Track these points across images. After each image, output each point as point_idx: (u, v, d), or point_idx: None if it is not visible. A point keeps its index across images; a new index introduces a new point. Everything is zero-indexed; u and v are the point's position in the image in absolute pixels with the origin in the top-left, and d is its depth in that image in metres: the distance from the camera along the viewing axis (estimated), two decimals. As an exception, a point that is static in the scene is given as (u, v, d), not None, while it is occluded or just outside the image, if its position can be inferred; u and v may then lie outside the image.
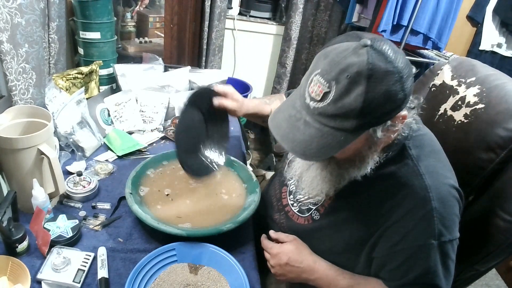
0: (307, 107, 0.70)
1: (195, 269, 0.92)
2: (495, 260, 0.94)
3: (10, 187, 1.02)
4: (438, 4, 2.15)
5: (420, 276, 0.80)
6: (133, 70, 1.65)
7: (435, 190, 0.78)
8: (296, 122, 0.71)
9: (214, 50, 2.71)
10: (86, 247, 0.97)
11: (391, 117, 0.70)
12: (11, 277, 0.85)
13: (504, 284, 2.04)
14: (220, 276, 0.91)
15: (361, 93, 0.64)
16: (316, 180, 0.86)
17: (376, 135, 0.73)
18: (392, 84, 0.65)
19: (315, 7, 2.76)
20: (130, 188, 1.08)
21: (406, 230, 0.79)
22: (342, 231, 0.89)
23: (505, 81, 1.01)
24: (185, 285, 0.88)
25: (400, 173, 0.81)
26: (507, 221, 0.90)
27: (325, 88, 0.66)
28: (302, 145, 0.70)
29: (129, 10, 2.60)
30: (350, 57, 0.65)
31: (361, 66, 0.64)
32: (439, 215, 0.77)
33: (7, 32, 1.19)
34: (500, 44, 2.63)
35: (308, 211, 0.97)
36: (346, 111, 0.65)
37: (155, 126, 1.54)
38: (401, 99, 0.67)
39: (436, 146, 0.87)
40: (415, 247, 0.79)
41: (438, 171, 0.81)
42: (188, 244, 0.94)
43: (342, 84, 0.64)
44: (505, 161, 0.93)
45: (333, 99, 0.66)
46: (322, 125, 0.69)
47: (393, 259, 0.83)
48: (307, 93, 0.70)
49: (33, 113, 1.05)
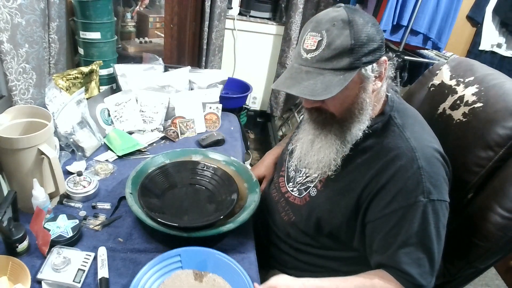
0: (305, 61, 0.82)
1: (200, 276, 0.90)
2: (494, 258, 0.95)
3: (10, 187, 1.03)
4: (438, 4, 2.15)
5: (412, 236, 0.82)
6: (133, 70, 1.66)
7: (420, 151, 0.84)
8: (298, 75, 0.82)
9: (214, 50, 2.71)
10: (86, 247, 0.97)
11: (375, 57, 0.82)
12: (11, 277, 0.85)
13: (504, 284, 2.04)
14: (225, 284, 0.89)
15: (348, 34, 0.78)
16: (323, 150, 0.90)
17: (368, 75, 0.82)
18: (370, 27, 0.80)
19: (315, 7, 2.76)
20: (130, 188, 1.08)
21: (396, 190, 0.83)
22: (337, 202, 0.92)
23: (503, 80, 1.02)
24: None
25: (387, 139, 0.88)
26: (506, 218, 0.90)
27: (318, 37, 0.79)
28: (308, 87, 0.80)
29: (129, 10, 2.59)
30: (331, 13, 0.81)
31: (342, 15, 0.79)
32: (427, 174, 0.82)
33: (7, 32, 1.19)
34: (500, 44, 2.63)
35: (306, 190, 1.00)
36: (340, 51, 0.78)
37: (155, 126, 1.55)
38: (380, 40, 0.82)
39: (418, 117, 0.96)
40: (406, 207, 0.82)
41: (422, 136, 0.89)
42: (193, 250, 0.93)
43: (331, 31, 0.78)
44: (504, 158, 0.94)
45: (326, 44, 0.79)
46: (321, 69, 0.80)
47: (385, 222, 0.85)
48: (302, 50, 0.82)
49: (33, 113, 1.05)
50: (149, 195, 1.09)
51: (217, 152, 1.33)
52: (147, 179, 1.13)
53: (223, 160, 1.29)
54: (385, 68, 0.85)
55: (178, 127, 1.55)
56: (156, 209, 1.04)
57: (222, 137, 1.53)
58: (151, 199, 1.08)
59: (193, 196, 1.16)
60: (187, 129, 1.57)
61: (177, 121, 1.55)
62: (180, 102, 1.60)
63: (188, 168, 1.23)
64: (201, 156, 1.30)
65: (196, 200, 1.15)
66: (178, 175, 1.20)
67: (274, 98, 2.99)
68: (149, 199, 1.07)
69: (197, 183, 1.20)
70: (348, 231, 0.93)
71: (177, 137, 1.54)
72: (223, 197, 1.13)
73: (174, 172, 1.20)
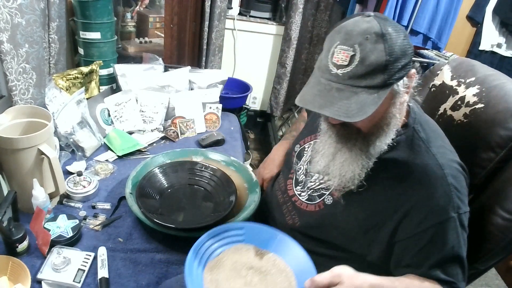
0: (335, 76, 0.76)
1: (260, 254, 0.88)
2: (495, 259, 0.94)
3: (10, 187, 1.02)
4: (438, 4, 2.15)
5: (447, 252, 0.82)
6: (133, 70, 1.65)
7: (448, 168, 0.83)
8: (328, 93, 0.77)
9: (214, 50, 2.70)
10: (86, 247, 0.97)
11: (406, 71, 0.78)
12: (11, 277, 0.85)
13: (504, 284, 2.04)
14: (286, 267, 0.85)
15: (383, 49, 0.73)
16: (347, 164, 0.87)
17: (398, 91, 0.79)
18: (402, 39, 0.75)
19: (315, 7, 2.75)
20: (130, 188, 1.08)
21: (428, 209, 0.82)
22: (356, 214, 0.90)
23: (504, 81, 1.01)
24: (248, 267, 0.84)
25: (414, 155, 0.86)
26: (506, 219, 0.90)
27: (350, 52, 0.74)
28: (342, 108, 0.75)
29: (129, 10, 2.59)
30: (362, 24, 0.74)
31: (375, 28, 0.73)
32: (455, 190, 0.82)
33: (7, 32, 1.19)
34: (500, 44, 2.63)
35: (320, 197, 0.97)
36: (374, 67, 0.73)
37: (155, 126, 1.55)
38: (411, 54, 0.77)
39: (438, 130, 0.94)
40: (438, 224, 0.82)
41: (445, 151, 0.87)
42: (258, 227, 0.91)
43: (364, 45, 0.73)
44: (505, 160, 0.94)
45: (360, 60, 0.73)
46: (354, 87, 0.75)
47: (418, 241, 0.83)
48: (331, 65, 0.76)
49: (33, 113, 1.05)
50: (147, 195, 1.09)
51: (217, 152, 1.33)
52: (144, 179, 1.13)
53: (223, 160, 1.28)
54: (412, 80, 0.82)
55: (178, 127, 1.54)
56: (154, 210, 1.04)
57: (222, 137, 1.53)
58: (149, 199, 1.08)
59: (192, 197, 1.16)
60: (187, 129, 1.57)
61: (177, 121, 1.55)
62: (180, 102, 1.60)
63: (186, 168, 1.22)
64: (201, 156, 1.30)
65: (194, 200, 1.15)
66: (176, 176, 1.20)
67: (274, 98, 2.99)
68: (147, 200, 1.07)
69: (195, 183, 1.20)
70: (363, 243, 0.91)
71: (177, 137, 1.54)
72: (222, 198, 1.13)
73: (173, 173, 1.20)
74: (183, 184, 1.19)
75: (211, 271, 0.82)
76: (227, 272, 0.82)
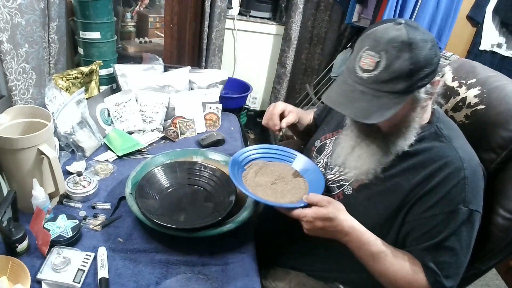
0: (360, 79, 0.81)
1: (297, 176, 1.05)
2: (495, 259, 0.95)
3: (10, 187, 1.02)
4: (438, 4, 2.15)
5: (445, 240, 0.84)
6: (133, 70, 1.65)
7: (467, 162, 0.85)
8: (351, 94, 0.82)
9: (214, 50, 2.70)
10: (86, 247, 0.97)
11: (430, 79, 0.81)
12: (11, 277, 0.85)
13: (504, 284, 2.04)
14: (306, 186, 1.01)
15: (408, 58, 0.76)
16: (364, 158, 0.91)
17: (420, 97, 0.82)
18: (429, 49, 0.78)
19: (315, 7, 2.76)
20: (130, 188, 1.08)
21: (440, 196, 0.85)
22: (376, 204, 0.92)
23: (505, 82, 1.02)
24: (281, 177, 1.04)
25: (436, 147, 0.89)
26: (508, 219, 0.90)
27: (376, 58, 0.78)
28: (362, 110, 0.80)
29: (129, 10, 2.59)
30: (391, 32, 0.79)
31: (402, 36, 0.77)
32: (470, 184, 0.84)
33: (7, 32, 1.19)
34: (500, 44, 2.63)
35: (339, 188, 0.99)
36: (397, 75, 0.77)
37: (155, 126, 1.54)
38: (436, 63, 0.80)
39: (459, 131, 0.96)
40: (446, 213, 0.84)
41: (468, 149, 0.90)
42: (307, 160, 1.09)
43: (390, 53, 0.77)
44: (506, 161, 0.94)
45: (385, 66, 0.78)
46: (377, 91, 0.80)
47: (423, 224, 0.86)
48: (358, 68, 0.81)
49: (33, 113, 1.04)
50: (147, 195, 1.09)
51: (217, 152, 1.32)
52: (144, 179, 1.13)
53: (222, 160, 1.28)
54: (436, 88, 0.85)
55: (178, 127, 1.54)
56: (154, 210, 1.04)
57: (222, 137, 1.53)
58: (149, 199, 1.08)
59: (192, 197, 1.15)
60: (187, 129, 1.56)
61: (177, 121, 1.55)
62: (180, 102, 1.60)
63: (186, 168, 1.22)
64: (201, 156, 1.30)
65: (194, 200, 1.14)
66: (176, 176, 1.20)
67: (274, 98, 2.99)
68: (147, 200, 1.06)
69: (195, 183, 1.20)
70: (381, 232, 0.91)
71: (177, 137, 1.53)
72: (221, 198, 1.13)
73: (173, 173, 1.20)
74: (183, 184, 1.19)
75: (251, 168, 1.07)
76: (264, 174, 1.05)
